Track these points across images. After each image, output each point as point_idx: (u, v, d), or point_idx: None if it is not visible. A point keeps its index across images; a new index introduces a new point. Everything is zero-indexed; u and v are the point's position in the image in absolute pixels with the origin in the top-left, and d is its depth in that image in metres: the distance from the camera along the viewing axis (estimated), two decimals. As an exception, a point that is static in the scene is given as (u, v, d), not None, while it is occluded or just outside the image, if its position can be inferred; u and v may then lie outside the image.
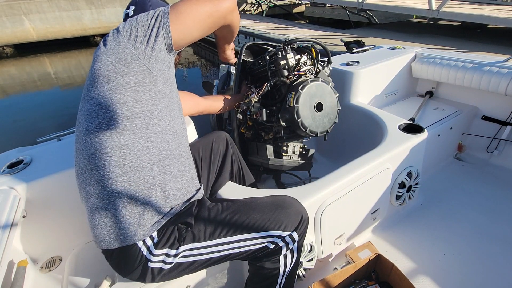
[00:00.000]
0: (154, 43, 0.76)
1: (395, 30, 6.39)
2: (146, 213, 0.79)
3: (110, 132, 0.74)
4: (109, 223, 0.78)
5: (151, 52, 0.76)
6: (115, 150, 0.75)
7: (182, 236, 0.83)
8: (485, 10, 5.40)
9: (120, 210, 0.77)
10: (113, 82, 0.74)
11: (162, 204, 0.81)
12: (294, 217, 0.90)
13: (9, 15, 8.67)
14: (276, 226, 0.87)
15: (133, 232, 0.78)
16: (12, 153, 1.27)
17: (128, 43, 0.75)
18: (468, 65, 1.84)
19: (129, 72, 0.74)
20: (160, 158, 0.80)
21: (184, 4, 0.78)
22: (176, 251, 0.82)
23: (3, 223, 0.92)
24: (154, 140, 0.79)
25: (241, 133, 1.44)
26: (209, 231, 0.85)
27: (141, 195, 0.78)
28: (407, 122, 1.46)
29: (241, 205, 0.91)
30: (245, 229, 0.86)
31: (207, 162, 1.19)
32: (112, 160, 0.75)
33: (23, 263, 1.04)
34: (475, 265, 1.30)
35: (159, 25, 0.76)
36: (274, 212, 0.89)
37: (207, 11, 0.80)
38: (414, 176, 1.42)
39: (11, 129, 4.76)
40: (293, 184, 1.75)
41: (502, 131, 1.86)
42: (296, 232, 0.90)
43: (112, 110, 0.74)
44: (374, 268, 1.20)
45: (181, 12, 0.77)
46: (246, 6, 10.93)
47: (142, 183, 0.78)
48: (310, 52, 1.32)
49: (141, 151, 0.77)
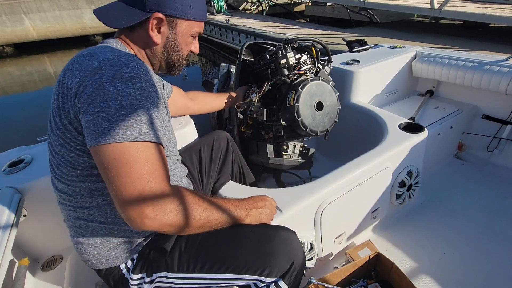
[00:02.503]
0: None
1: (396, 29, 6.37)
2: (124, 237, 0.77)
3: (82, 175, 0.71)
4: (88, 247, 0.77)
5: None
6: (84, 182, 0.72)
7: (155, 263, 0.78)
8: (487, 9, 5.38)
9: (97, 236, 0.76)
10: (66, 125, 0.67)
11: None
12: (282, 261, 0.76)
13: (9, 14, 8.66)
14: (258, 271, 0.75)
15: (115, 255, 0.78)
16: (12, 152, 1.27)
17: (78, 99, 0.64)
18: (469, 64, 1.83)
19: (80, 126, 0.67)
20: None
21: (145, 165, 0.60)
22: (150, 277, 0.78)
23: (4, 222, 0.92)
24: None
25: (241, 132, 1.44)
26: (183, 262, 0.77)
27: (118, 222, 0.76)
28: (408, 121, 1.46)
29: (223, 236, 0.77)
30: (223, 267, 0.76)
31: (208, 162, 1.19)
32: (83, 195, 0.73)
33: (24, 262, 1.04)
34: (475, 263, 1.30)
35: (90, 132, 0.61)
36: (258, 251, 0.76)
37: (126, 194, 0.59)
38: (414, 175, 1.42)
39: (12, 129, 4.77)
40: (293, 183, 1.75)
41: (503, 130, 1.86)
42: (283, 280, 0.76)
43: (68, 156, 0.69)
44: (374, 267, 1.21)
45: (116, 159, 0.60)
46: (246, 5, 10.91)
47: (118, 214, 0.73)
48: (310, 51, 1.32)
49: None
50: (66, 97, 0.65)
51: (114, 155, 0.59)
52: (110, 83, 0.61)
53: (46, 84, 7.31)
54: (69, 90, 0.65)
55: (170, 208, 0.61)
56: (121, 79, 0.61)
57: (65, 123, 0.66)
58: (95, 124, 0.59)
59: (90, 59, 0.65)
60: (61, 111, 0.66)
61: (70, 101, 0.64)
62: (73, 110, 0.64)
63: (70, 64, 0.68)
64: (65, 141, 0.68)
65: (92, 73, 0.62)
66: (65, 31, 9.59)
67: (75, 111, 0.64)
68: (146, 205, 0.58)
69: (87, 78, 0.62)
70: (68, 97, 0.65)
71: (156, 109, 0.66)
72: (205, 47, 8.94)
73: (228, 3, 10.28)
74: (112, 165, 0.59)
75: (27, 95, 6.60)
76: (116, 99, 0.60)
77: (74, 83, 0.64)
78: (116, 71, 0.62)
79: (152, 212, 0.58)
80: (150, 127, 0.62)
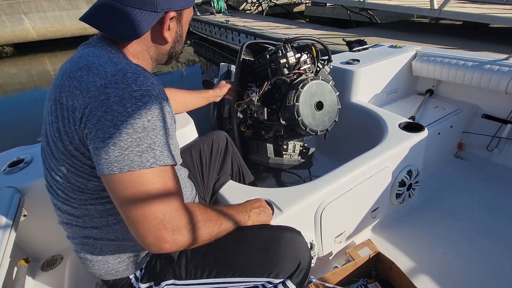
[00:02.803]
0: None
1: (396, 30, 6.37)
2: (134, 250, 0.77)
3: (91, 198, 0.68)
4: (96, 263, 0.76)
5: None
6: (90, 203, 0.69)
7: (163, 272, 0.77)
8: (486, 10, 5.38)
9: (107, 253, 0.75)
10: (70, 154, 0.63)
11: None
12: (289, 262, 0.76)
13: (8, 14, 8.65)
14: (266, 273, 0.75)
15: (125, 267, 0.78)
16: (12, 152, 1.27)
17: (84, 122, 0.58)
18: (469, 63, 1.83)
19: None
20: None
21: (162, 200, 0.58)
22: (158, 286, 0.78)
23: (4, 222, 0.92)
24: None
25: (241, 131, 1.44)
26: (190, 270, 0.77)
27: (129, 238, 0.74)
28: (407, 121, 1.46)
29: (229, 240, 0.75)
30: (230, 271, 0.76)
31: (208, 162, 1.19)
32: (92, 216, 0.70)
33: (24, 262, 1.04)
34: (475, 263, 1.30)
35: (100, 159, 0.56)
36: (266, 253, 0.76)
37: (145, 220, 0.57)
38: (414, 175, 1.42)
39: (11, 128, 4.77)
40: (293, 183, 1.75)
41: (503, 129, 1.86)
42: (290, 280, 0.77)
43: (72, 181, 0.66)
44: (374, 266, 1.21)
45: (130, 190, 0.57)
46: (246, 6, 10.91)
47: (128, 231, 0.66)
48: (310, 51, 1.32)
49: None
50: (67, 120, 0.59)
51: (131, 184, 0.55)
52: (119, 104, 0.55)
53: (46, 84, 7.31)
54: (70, 112, 0.58)
55: (188, 229, 0.60)
56: (130, 99, 0.56)
57: (69, 148, 0.61)
58: (106, 151, 0.54)
59: (90, 75, 0.58)
60: (63, 136, 0.60)
61: (73, 125, 0.58)
62: (78, 135, 0.59)
63: (66, 81, 0.60)
64: (72, 166, 0.63)
65: (96, 94, 0.56)
66: (65, 31, 9.58)
67: (81, 136, 0.58)
68: (166, 231, 0.57)
69: (91, 99, 0.56)
70: (70, 121, 0.59)
71: (168, 127, 0.61)
72: (205, 47, 8.94)
73: (228, 4, 10.28)
74: (129, 194, 0.55)
75: (27, 95, 6.60)
76: (127, 123, 0.55)
77: (77, 105, 0.57)
78: (124, 90, 0.56)
79: (172, 236, 0.57)
80: (164, 149, 0.59)
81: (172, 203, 0.58)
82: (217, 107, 1.60)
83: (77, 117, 0.57)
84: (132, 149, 0.55)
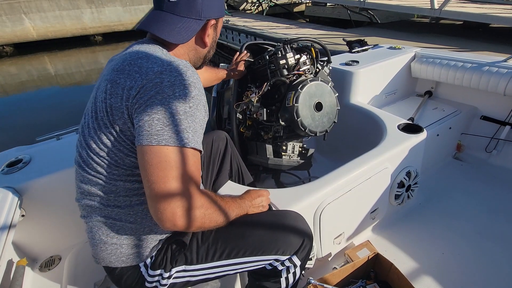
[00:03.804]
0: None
1: (396, 30, 6.38)
2: (149, 237, 0.79)
3: (114, 172, 0.73)
4: (110, 246, 0.77)
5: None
6: (121, 188, 0.74)
7: (174, 258, 0.80)
8: (487, 9, 5.38)
9: (123, 236, 0.77)
10: (113, 128, 0.69)
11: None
12: (294, 240, 0.84)
13: (9, 14, 8.65)
14: (274, 250, 0.82)
15: (136, 254, 0.79)
16: (11, 152, 1.27)
17: (137, 100, 0.66)
18: (467, 65, 1.84)
19: (126, 129, 0.70)
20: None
21: (181, 176, 0.64)
22: (169, 273, 0.80)
23: (2, 222, 0.92)
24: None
25: (240, 132, 1.44)
26: (202, 253, 0.81)
27: (147, 222, 0.78)
28: (406, 122, 1.47)
29: (236, 224, 0.83)
30: (241, 251, 0.81)
31: (207, 162, 1.19)
32: (118, 197, 0.74)
33: (22, 262, 1.04)
34: (474, 264, 1.30)
35: (141, 131, 0.64)
36: (273, 233, 0.83)
37: (165, 197, 0.64)
38: (413, 176, 1.42)
39: (11, 128, 4.76)
40: (292, 184, 1.75)
41: (501, 131, 1.86)
42: (296, 256, 0.85)
43: (113, 154, 0.71)
44: (373, 267, 1.21)
45: (161, 165, 0.64)
46: (246, 5, 10.91)
47: (148, 215, 0.76)
48: (310, 52, 1.32)
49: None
50: (121, 97, 0.67)
51: (165, 157, 0.62)
52: (170, 88, 0.65)
53: (46, 84, 7.31)
54: (126, 90, 0.67)
55: (202, 211, 0.66)
56: (179, 86, 0.65)
57: (118, 122, 0.68)
58: (149, 124, 0.63)
59: (149, 62, 0.68)
60: (114, 111, 0.67)
61: (126, 101, 0.66)
62: (128, 111, 0.67)
63: (127, 66, 0.69)
64: (116, 140, 0.69)
65: (153, 77, 0.65)
66: (65, 31, 9.57)
67: (130, 111, 0.66)
68: (183, 208, 0.63)
69: (148, 81, 0.65)
70: (124, 97, 0.67)
71: (202, 119, 0.70)
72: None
73: (228, 3, 10.28)
74: (161, 166, 0.62)
75: (27, 95, 6.59)
76: (173, 104, 0.64)
77: (135, 85, 0.66)
78: (176, 78, 0.66)
79: (187, 214, 0.63)
80: (196, 135, 0.67)
81: (194, 184, 0.66)
82: (216, 108, 1.60)
83: (131, 95, 0.66)
84: (171, 127, 0.63)
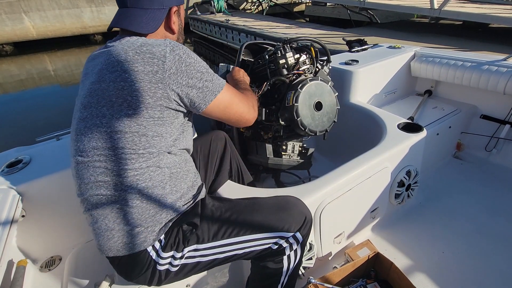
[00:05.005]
0: (191, 100, 0.80)
1: (396, 29, 6.37)
2: (155, 220, 0.80)
3: (124, 157, 0.75)
4: (117, 232, 0.78)
5: (183, 101, 0.80)
6: (130, 172, 0.76)
7: (186, 238, 0.83)
8: (486, 9, 5.38)
9: (130, 220, 0.78)
10: (135, 111, 0.73)
11: (170, 206, 0.82)
12: (297, 217, 0.91)
13: (8, 13, 8.63)
14: (280, 227, 0.88)
15: (143, 239, 0.79)
16: (11, 152, 1.27)
17: (168, 79, 0.74)
18: (467, 64, 1.84)
19: (155, 107, 0.75)
20: (171, 177, 0.83)
21: (234, 97, 0.89)
22: (181, 253, 0.82)
23: (2, 222, 0.92)
24: (168, 161, 0.81)
25: (240, 132, 1.44)
26: (212, 232, 0.85)
27: (152, 205, 0.80)
28: (406, 121, 1.47)
29: (244, 205, 0.91)
30: (249, 230, 0.86)
31: (205, 161, 1.19)
32: (125, 181, 0.76)
33: (23, 263, 1.04)
34: (474, 263, 1.30)
35: (205, 94, 0.81)
36: (278, 213, 0.90)
37: (240, 113, 0.91)
38: (413, 175, 1.42)
39: (10, 128, 4.76)
40: (292, 183, 1.75)
41: (501, 130, 1.86)
42: (299, 232, 0.91)
43: (129, 138, 0.74)
44: (373, 267, 1.21)
45: (226, 101, 0.87)
46: (246, 5, 10.90)
47: (154, 198, 0.79)
48: (309, 51, 1.32)
49: (154, 172, 0.79)
50: (148, 81, 0.73)
51: (230, 94, 0.88)
52: (189, 57, 0.78)
53: (46, 83, 7.30)
54: (151, 75, 0.73)
55: (254, 106, 0.99)
56: (190, 53, 0.79)
57: (149, 101, 0.74)
58: (206, 86, 0.80)
59: (155, 47, 0.75)
60: (142, 93, 0.73)
61: (155, 83, 0.73)
62: (161, 91, 0.74)
63: (136, 55, 0.74)
64: (145, 118, 0.74)
65: (171, 57, 0.75)
66: (65, 30, 9.55)
67: (164, 89, 0.74)
68: (253, 110, 0.96)
69: (172, 62, 0.75)
70: (152, 80, 0.73)
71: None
72: (205, 47, 8.93)
73: (228, 3, 10.26)
74: (234, 100, 0.89)
75: (27, 94, 6.58)
76: (200, 66, 0.80)
77: (159, 69, 0.73)
78: (182, 48, 0.78)
79: (254, 112, 0.97)
80: (215, 75, 0.85)
81: (243, 96, 0.94)
82: None
83: (158, 77, 0.74)
84: (213, 80, 0.82)
